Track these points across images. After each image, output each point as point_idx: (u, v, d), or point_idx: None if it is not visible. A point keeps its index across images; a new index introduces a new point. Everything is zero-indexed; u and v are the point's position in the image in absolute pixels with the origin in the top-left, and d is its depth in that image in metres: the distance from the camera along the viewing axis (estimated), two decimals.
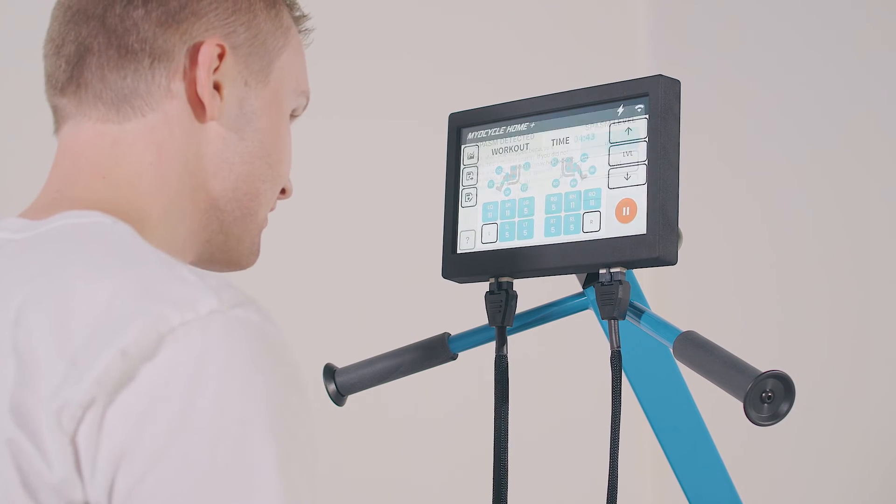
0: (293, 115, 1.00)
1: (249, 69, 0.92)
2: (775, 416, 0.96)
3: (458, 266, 1.14)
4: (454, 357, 1.20)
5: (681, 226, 1.04)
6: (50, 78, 0.92)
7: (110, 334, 0.70)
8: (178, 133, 0.89)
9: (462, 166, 1.16)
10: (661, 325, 1.07)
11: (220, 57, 0.90)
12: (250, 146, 0.93)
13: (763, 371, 0.96)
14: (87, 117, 0.89)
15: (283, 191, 1.00)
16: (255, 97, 0.93)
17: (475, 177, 1.15)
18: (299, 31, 1.00)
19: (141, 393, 0.70)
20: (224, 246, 0.95)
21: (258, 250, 0.99)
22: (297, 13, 0.99)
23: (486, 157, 1.15)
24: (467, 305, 1.40)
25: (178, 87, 0.89)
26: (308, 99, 1.00)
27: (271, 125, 0.94)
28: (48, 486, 0.70)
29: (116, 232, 0.81)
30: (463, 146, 1.16)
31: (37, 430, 0.70)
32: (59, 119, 0.92)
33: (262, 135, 0.93)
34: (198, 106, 0.89)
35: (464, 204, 1.15)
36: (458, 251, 1.15)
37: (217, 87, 0.90)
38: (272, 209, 0.99)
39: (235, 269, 0.97)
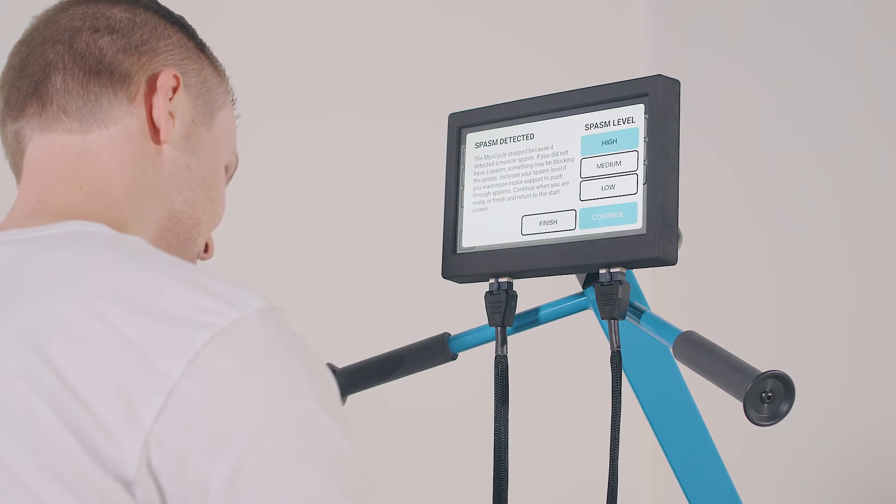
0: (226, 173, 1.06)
1: (196, 109, 0.99)
2: (775, 416, 0.97)
3: (458, 266, 1.14)
4: (454, 357, 1.21)
5: (680, 226, 1.04)
6: (7, 104, 0.96)
7: (174, 328, 0.74)
8: (138, 148, 0.95)
9: (462, 166, 1.16)
10: (660, 325, 1.07)
11: (175, 90, 0.97)
12: (195, 175, 0.99)
13: (763, 371, 0.96)
14: (52, 130, 0.94)
15: (206, 247, 1.06)
16: (200, 135, 1.00)
17: (475, 177, 1.15)
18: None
19: (220, 382, 0.73)
20: None
21: None
22: (231, 97, 1.07)
23: (485, 156, 1.15)
24: (467, 305, 1.40)
25: (138, 109, 0.95)
26: (237, 162, 1.07)
27: (212, 164, 1.01)
28: (110, 459, 0.72)
29: (134, 241, 0.85)
30: (463, 146, 1.16)
31: (105, 415, 0.72)
32: (19, 143, 0.96)
33: (205, 169, 1.00)
34: (153, 130, 0.96)
35: (463, 204, 1.15)
36: (458, 251, 1.15)
37: (170, 115, 0.96)
38: (197, 260, 1.04)
39: None
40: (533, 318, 1.17)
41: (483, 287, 1.14)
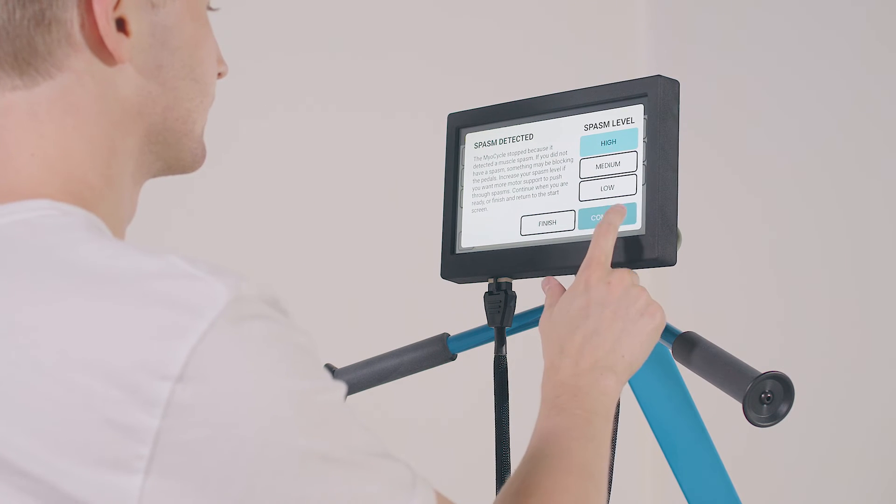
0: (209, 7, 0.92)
1: None
2: (774, 417, 0.96)
3: (457, 266, 1.14)
4: (453, 357, 1.20)
5: (680, 226, 1.04)
6: None
7: (138, 354, 0.67)
8: (93, 87, 0.82)
9: (461, 166, 1.16)
10: None
11: None
12: (171, 71, 0.86)
13: (762, 372, 0.96)
14: None
15: (219, 74, 0.93)
16: (167, 14, 0.85)
17: (474, 177, 1.15)
18: None
19: (197, 418, 0.68)
20: (172, 162, 0.90)
21: (204, 151, 0.92)
22: None
23: (484, 157, 1.15)
24: (467, 305, 1.40)
25: (79, 37, 0.81)
26: None
27: (189, 38, 0.86)
28: None
29: (74, 234, 0.76)
30: (462, 146, 1.16)
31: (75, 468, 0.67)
32: None
33: (181, 53, 0.86)
34: (104, 52, 0.81)
35: (462, 204, 1.15)
36: (457, 251, 1.15)
37: (122, 23, 0.82)
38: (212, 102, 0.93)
39: (190, 172, 0.92)
40: (532, 319, 1.17)
41: (483, 287, 1.14)
